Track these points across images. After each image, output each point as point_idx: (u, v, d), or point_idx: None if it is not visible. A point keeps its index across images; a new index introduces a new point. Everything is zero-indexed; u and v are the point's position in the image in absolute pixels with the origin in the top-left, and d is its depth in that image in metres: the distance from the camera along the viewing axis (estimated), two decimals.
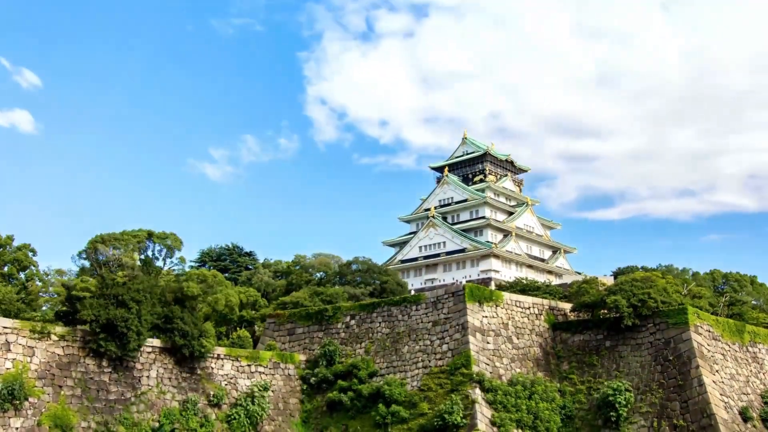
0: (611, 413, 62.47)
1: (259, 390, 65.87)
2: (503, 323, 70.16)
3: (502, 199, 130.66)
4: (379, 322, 73.52)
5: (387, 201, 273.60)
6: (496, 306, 70.72)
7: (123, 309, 56.52)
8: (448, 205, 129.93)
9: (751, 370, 69.23)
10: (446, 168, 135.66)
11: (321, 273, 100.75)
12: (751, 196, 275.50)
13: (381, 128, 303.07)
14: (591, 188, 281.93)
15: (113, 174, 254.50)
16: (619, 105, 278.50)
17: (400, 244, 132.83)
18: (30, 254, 66.74)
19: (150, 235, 73.00)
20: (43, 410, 51.54)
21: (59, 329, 55.84)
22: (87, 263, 68.96)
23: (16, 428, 49.61)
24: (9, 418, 49.58)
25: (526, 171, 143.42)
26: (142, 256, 72.88)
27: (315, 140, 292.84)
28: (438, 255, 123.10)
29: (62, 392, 53.55)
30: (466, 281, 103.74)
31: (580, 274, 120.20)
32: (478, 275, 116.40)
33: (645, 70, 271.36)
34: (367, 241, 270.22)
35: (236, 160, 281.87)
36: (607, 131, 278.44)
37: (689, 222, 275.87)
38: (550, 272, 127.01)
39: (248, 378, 67.45)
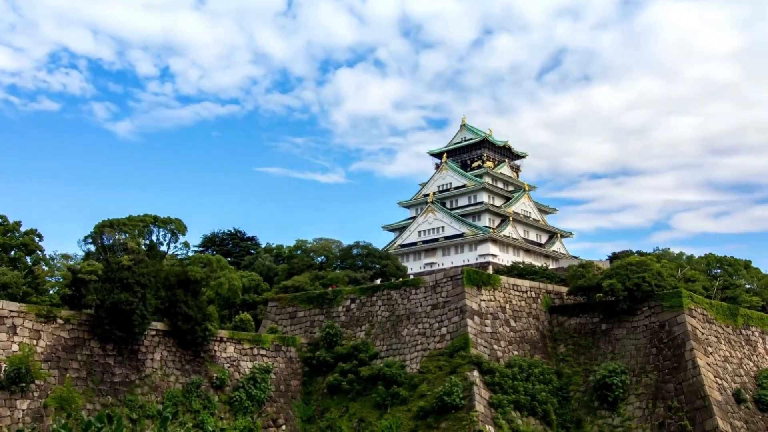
0: (607, 395, 63.61)
1: (261, 372, 66.80)
2: (501, 306, 71.07)
3: (500, 185, 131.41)
4: (379, 306, 74.41)
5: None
6: (494, 290, 71.59)
7: (128, 293, 56.95)
8: (447, 190, 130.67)
9: (744, 353, 70.23)
10: (445, 154, 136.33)
11: (322, 257, 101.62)
12: None
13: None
14: None
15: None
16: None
17: (400, 229, 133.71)
18: (36, 239, 67.32)
19: (155, 220, 73.74)
20: (49, 392, 52.23)
21: (65, 313, 56.39)
22: (93, 248, 69.64)
23: (23, 410, 50.22)
24: (15, 400, 50.21)
25: (523, 157, 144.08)
26: (147, 241, 73.55)
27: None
28: (437, 240, 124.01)
29: (68, 375, 54.17)
30: (465, 265, 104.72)
31: (576, 258, 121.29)
32: (476, 259, 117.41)
33: None
34: (368, 227, 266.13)
35: None
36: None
37: None
38: (546, 256, 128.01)
39: (250, 361, 68.36)
